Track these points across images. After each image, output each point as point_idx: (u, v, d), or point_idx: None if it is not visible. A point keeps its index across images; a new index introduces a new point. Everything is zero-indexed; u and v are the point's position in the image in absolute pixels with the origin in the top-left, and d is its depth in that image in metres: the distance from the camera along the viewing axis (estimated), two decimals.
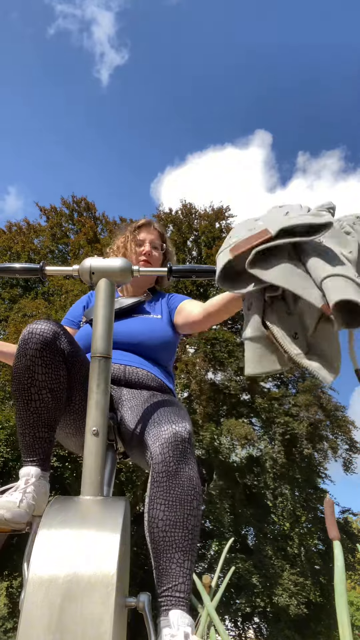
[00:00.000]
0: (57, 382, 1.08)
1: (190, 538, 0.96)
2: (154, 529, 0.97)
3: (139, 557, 10.98)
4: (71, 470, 11.00)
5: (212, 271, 1.13)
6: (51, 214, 15.48)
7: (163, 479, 1.00)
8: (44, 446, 1.07)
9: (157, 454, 1.02)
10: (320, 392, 14.65)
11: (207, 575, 4.58)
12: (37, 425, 1.06)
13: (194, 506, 0.99)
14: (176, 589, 0.92)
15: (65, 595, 0.69)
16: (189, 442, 1.05)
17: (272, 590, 11.96)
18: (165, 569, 0.94)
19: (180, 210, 15.97)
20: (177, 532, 0.96)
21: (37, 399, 1.06)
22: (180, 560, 0.94)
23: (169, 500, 0.98)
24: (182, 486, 0.99)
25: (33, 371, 1.05)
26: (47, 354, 1.06)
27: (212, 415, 13.18)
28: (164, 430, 1.05)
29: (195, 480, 1.02)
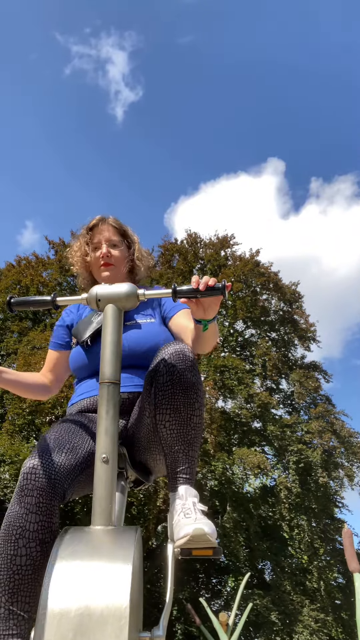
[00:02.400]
0: (48, 533, 0.99)
1: (193, 433, 1.11)
2: (163, 429, 1.12)
3: (152, 594, 10.63)
4: (82, 505, 10.79)
5: (218, 289, 1.13)
6: (59, 247, 15.74)
7: (168, 386, 1.11)
8: (21, 625, 0.91)
9: (160, 365, 1.13)
10: (333, 418, 14.41)
11: (224, 613, 4.41)
12: (17, 593, 0.93)
13: (196, 407, 1.13)
14: (182, 472, 1.09)
15: (77, 630, 0.67)
16: (191, 353, 1.16)
17: (292, 627, 11.45)
18: (174, 458, 1.10)
19: (185, 240, 16.17)
20: (182, 429, 1.10)
21: (24, 553, 0.96)
22: (185, 450, 1.10)
23: (173, 404, 1.11)
24: (185, 392, 1.11)
25: (25, 520, 0.98)
26: (44, 500, 1.00)
27: (224, 445, 12.96)
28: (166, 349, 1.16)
29: (196, 387, 1.13)
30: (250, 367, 14.94)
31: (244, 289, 14.99)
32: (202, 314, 1.19)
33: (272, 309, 15.97)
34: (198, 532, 0.92)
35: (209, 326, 1.24)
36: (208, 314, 1.19)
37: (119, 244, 1.56)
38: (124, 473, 1.23)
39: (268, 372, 14.75)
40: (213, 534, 0.95)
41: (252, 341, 16.18)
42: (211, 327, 1.27)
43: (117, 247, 1.55)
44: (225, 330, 15.53)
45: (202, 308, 1.18)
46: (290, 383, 15.53)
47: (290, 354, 16.26)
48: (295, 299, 16.01)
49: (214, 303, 1.17)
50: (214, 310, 1.19)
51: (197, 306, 1.18)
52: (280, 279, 15.69)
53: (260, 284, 15.24)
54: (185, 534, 0.94)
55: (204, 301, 1.16)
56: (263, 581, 13.27)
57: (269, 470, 12.59)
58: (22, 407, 10.57)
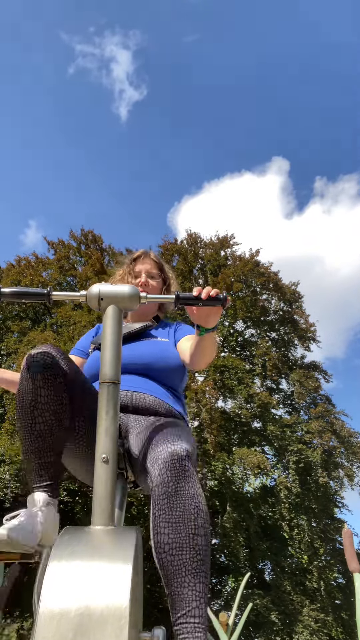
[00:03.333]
0: (59, 404, 1.10)
1: (199, 559, 0.93)
2: (161, 554, 0.94)
3: (152, 594, 10.64)
4: (81, 505, 10.80)
5: (219, 300, 1.15)
6: (59, 247, 15.75)
7: (164, 501, 0.97)
8: (51, 471, 1.07)
9: (155, 476, 1.01)
10: (333, 418, 14.41)
11: (224, 613, 4.41)
12: (42, 449, 1.07)
13: (199, 524, 0.95)
14: (190, 614, 0.88)
15: (77, 630, 0.67)
16: (188, 459, 1.02)
17: (292, 627, 11.46)
18: (178, 594, 0.90)
19: (185, 240, 16.18)
20: (185, 554, 0.92)
21: (40, 421, 1.07)
22: (192, 584, 0.90)
23: (172, 522, 0.95)
24: (183, 505, 0.96)
25: (36, 394, 1.07)
26: (49, 376, 1.09)
27: (224, 445, 12.97)
28: (160, 451, 1.03)
29: (197, 498, 0.98)
30: (250, 367, 14.95)
31: (244, 289, 14.99)
32: (202, 322, 1.23)
33: (272, 309, 15.97)
34: None
35: (205, 334, 1.28)
36: (208, 322, 1.23)
37: (157, 276, 1.77)
38: (124, 473, 1.23)
39: (268, 372, 14.76)
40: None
41: (252, 341, 16.18)
42: (209, 337, 1.30)
43: (154, 279, 1.76)
44: (225, 330, 15.54)
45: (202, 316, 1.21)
46: (290, 383, 15.54)
47: (290, 354, 16.28)
48: (295, 299, 16.02)
49: (215, 313, 1.21)
50: (214, 320, 1.23)
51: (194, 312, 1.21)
52: (280, 279, 15.70)
53: (260, 284, 15.25)
54: None
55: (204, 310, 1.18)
56: (263, 581, 13.28)
57: (269, 470, 12.60)
58: None
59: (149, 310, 1.75)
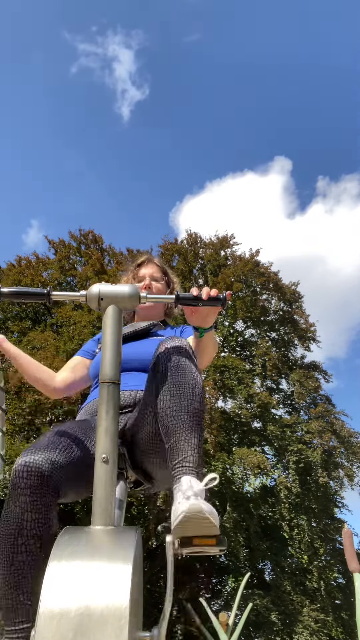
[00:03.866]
0: (46, 527, 1.01)
1: (195, 419, 1.07)
2: (164, 415, 1.08)
3: (152, 594, 10.64)
4: (81, 505, 10.80)
5: (218, 299, 1.15)
6: (59, 247, 15.74)
7: (167, 373, 1.12)
8: (29, 612, 0.97)
9: (159, 357, 1.15)
10: (333, 418, 14.41)
11: (224, 613, 4.41)
12: (21, 585, 0.98)
13: (197, 393, 1.10)
14: (185, 460, 1.00)
15: (77, 630, 0.67)
16: (188, 346, 1.17)
17: (292, 627, 11.46)
18: (175, 446, 1.03)
19: (185, 240, 16.18)
20: (183, 415, 1.06)
21: (23, 550, 0.98)
22: (188, 437, 1.03)
23: (174, 390, 1.09)
24: (184, 377, 1.11)
25: (21, 519, 0.99)
26: (38, 498, 1.00)
27: (224, 445, 12.96)
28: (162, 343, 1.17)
29: (194, 373, 1.13)
30: (250, 367, 14.94)
31: (244, 289, 14.99)
32: (199, 322, 1.26)
33: (272, 309, 15.97)
34: (195, 507, 0.86)
35: (205, 334, 1.30)
36: (206, 322, 1.26)
37: (160, 279, 1.82)
38: (124, 473, 1.23)
39: (268, 372, 14.76)
40: (213, 514, 0.88)
41: (252, 341, 16.18)
42: (208, 337, 1.33)
43: (158, 282, 1.81)
44: (225, 330, 15.54)
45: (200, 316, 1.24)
46: (290, 383, 15.53)
47: (290, 354, 16.27)
48: (295, 299, 16.01)
49: (212, 312, 1.23)
50: (211, 319, 1.26)
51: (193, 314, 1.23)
52: (280, 279, 15.69)
53: (260, 284, 15.24)
54: (181, 511, 0.87)
55: (202, 310, 1.20)
56: (263, 581, 13.28)
57: (269, 470, 12.60)
58: (22, 407, 10.58)
59: (156, 313, 1.78)
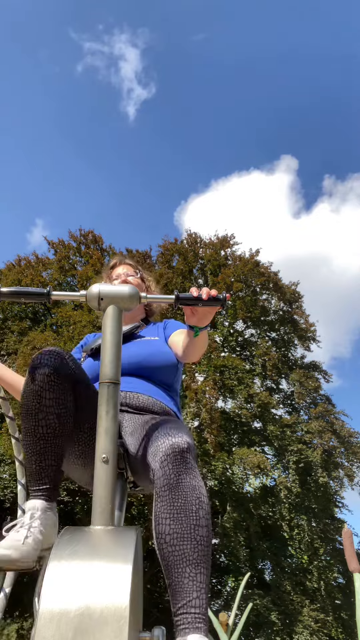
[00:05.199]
0: (64, 407, 1.09)
1: (200, 549, 0.92)
2: (162, 544, 0.94)
3: (152, 594, 10.64)
4: (82, 505, 10.80)
5: (218, 299, 1.15)
6: (59, 247, 15.74)
7: (165, 493, 0.97)
8: (51, 475, 1.06)
9: (157, 469, 1.01)
10: (333, 418, 14.41)
11: (224, 613, 4.41)
12: (44, 452, 1.06)
13: (201, 515, 0.96)
14: (191, 605, 0.87)
15: (77, 630, 0.67)
16: (189, 452, 1.02)
17: (292, 627, 11.46)
18: (178, 584, 0.89)
19: (185, 240, 16.18)
20: (186, 545, 0.92)
21: (44, 424, 1.06)
22: (192, 574, 0.90)
23: (173, 512, 0.95)
24: (185, 497, 0.96)
25: (41, 396, 1.06)
26: (55, 379, 1.08)
27: (224, 445, 12.96)
28: (161, 445, 1.03)
29: (198, 490, 0.98)
30: (250, 367, 14.94)
31: (244, 289, 14.99)
32: (196, 322, 1.27)
33: (272, 309, 15.97)
34: None
35: (200, 333, 1.32)
36: (202, 322, 1.27)
37: (134, 274, 1.86)
38: (124, 473, 1.23)
39: (268, 372, 14.75)
40: None
41: (252, 341, 16.18)
42: (201, 335, 1.35)
43: (133, 277, 1.83)
44: (225, 330, 15.53)
45: (198, 316, 1.25)
46: (290, 383, 15.54)
47: (290, 354, 16.27)
48: (295, 299, 16.01)
49: (210, 312, 1.24)
50: (208, 319, 1.27)
51: (192, 314, 1.24)
52: (280, 279, 15.70)
53: (260, 284, 15.24)
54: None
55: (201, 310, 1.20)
56: (263, 581, 13.28)
57: (269, 470, 12.59)
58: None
59: (138, 313, 1.81)
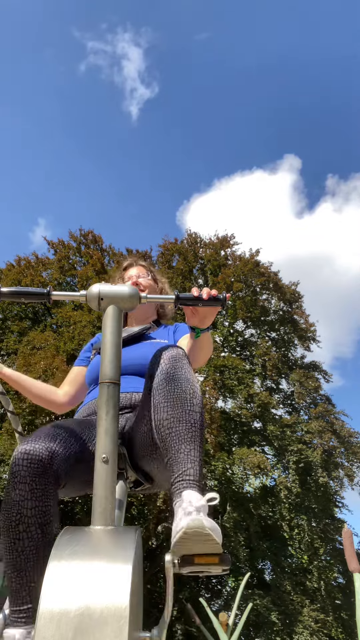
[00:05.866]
0: (47, 515, 1.02)
1: (193, 430, 1.03)
2: (161, 428, 1.05)
3: (152, 594, 10.63)
4: (81, 505, 10.80)
5: (219, 299, 1.15)
6: (59, 247, 15.73)
7: (163, 384, 1.09)
8: (33, 594, 0.99)
9: (154, 368, 1.13)
10: (333, 418, 14.40)
11: (224, 613, 4.41)
12: (25, 569, 0.99)
13: (194, 403, 1.07)
14: (185, 473, 0.98)
15: (77, 630, 0.67)
16: (183, 354, 1.15)
17: (292, 628, 11.46)
18: (174, 459, 1.00)
19: (185, 240, 16.17)
20: (181, 426, 1.03)
21: (25, 537, 1.00)
22: (187, 450, 1.01)
23: (170, 400, 1.06)
24: (180, 387, 1.08)
25: (21, 506, 1.00)
26: (37, 486, 1.01)
27: (224, 445, 12.96)
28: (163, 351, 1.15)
29: (192, 382, 1.10)
30: (250, 367, 14.94)
31: (244, 289, 14.98)
32: (198, 323, 1.27)
33: (272, 309, 15.97)
34: (195, 523, 0.81)
35: (201, 334, 1.32)
36: (204, 323, 1.27)
37: (146, 275, 1.87)
38: (124, 473, 1.23)
39: (268, 372, 14.75)
40: (215, 531, 0.83)
41: (252, 341, 16.17)
42: (205, 337, 1.35)
43: (145, 278, 1.85)
44: (225, 330, 15.53)
45: (199, 317, 1.24)
46: (290, 383, 15.53)
47: (290, 354, 16.27)
48: (295, 299, 16.01)
49: (211, 313, 1.24)
50: (210, 320, 1.27)
51: (193, 314, 1.23)
52: (280, 278, 15.69)
53: (260, 284, 15.23)
54: (181, 527, 0.82)
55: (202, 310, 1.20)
56: (263, 581, 13.28)
57: (269, 470, 12.59)
58: (22, 407, 10.57)
59: (149, 314, 1.81)
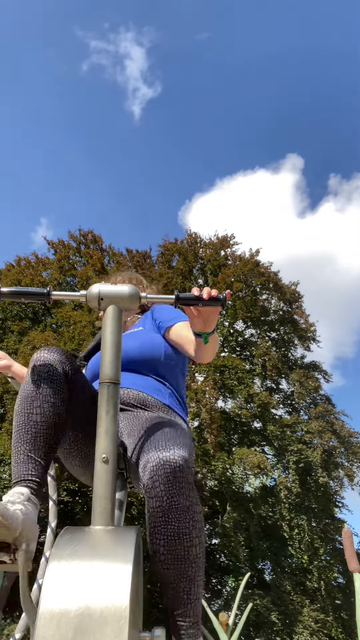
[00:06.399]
0: (59, 398, 1.11)
1: (194, 567, 0.99)
2: (158, 563, 0.99)
3: (152, 594, 10.63)
4: (82, 505, 10.80)
5: (219, 299, 1.14)
6: (59, 247, 15.74)
7: (158, 514, 0.97)
8: (39, 469, 1.02)
9: (148, 486, 0.98)
10: (333, 418, 14.41)
11: (224, 613, 4.41)
12: (35, 442, 1.04)
13: (194, 535, 0.99)
14: (185, 614, 0.98)
15: (77, 630, 0.67)
16: (181, 470, 0.97)
17: (292, 628, 11.46)
18: (174, 597, 0.99)
19: (185, 240, 16.18)
20: (181, 565, 0.98)
21: (39, 412, 1.07)
22: (187, 588, 0.98)
23: (167, 535, 0.97)
24: (178, 520, 0.97)
25: (38, 385, 1.10)
26: (54, 370, 1.12)
27: (224, 445, 12.96)
28: (151, 459, 0.99)
29: (192, 510, 0.98)
30: (250, 367, 14.94)
31: (244, 289, 14.99)
32: (202, 326, 1.21)
33: (272, 309, 15.97)
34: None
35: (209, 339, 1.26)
36: (208, 326, 1.22)
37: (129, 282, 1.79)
38: (124, 473, 1.23)
39: (268, 372, 14.75)
40: None
41: (252, 341, 16.18)
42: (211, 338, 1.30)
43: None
44: (225, 330, 15.53)
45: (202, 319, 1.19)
46: (290, 383, 15.54)
47: (290, 354, 16.27)
48: (295, 299, 16.01)
49: (213, 314, 1.20)
50: (213, 323, 1.22)
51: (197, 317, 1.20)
52: (280, 278, 15.70)
53: (260, 284, 15.24)
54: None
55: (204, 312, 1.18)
56: (263, 581, 13.28)
57: (269, 470, 12.59)
58: None
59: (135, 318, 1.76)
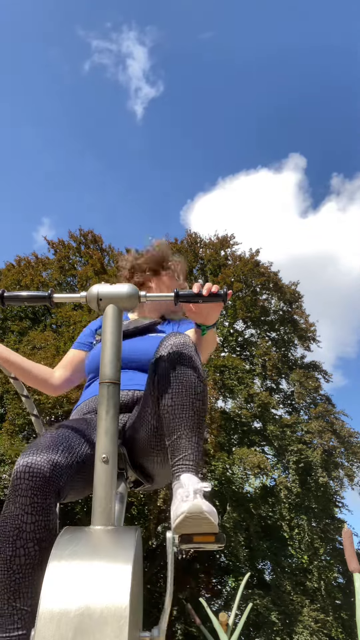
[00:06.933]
0: (46, 531, 0.97)
1: (197, 418, 1.09)
2: (165, 413, 1.10)
3: (152, 595, 10.63)
4: (82, 505, 10.79)
5: (219, 296, 1.15)
6: (59, 247, 15.73)
7: (169, 370, 1.11)
8: (26, 619, 0.93)
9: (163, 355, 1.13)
10: (333, 418, 14.40)
11: (224, 613, 4.41)
12: (18, 591, 0.93)
13: (199, 391, 1.11)
14: (186, 458, 1.04)
15: (77, 630, 0.67)
16: (192, 345, 1.15)
17: (292, 628, 11.46)
18: (176, 443, 1.06)
19: (185, 240, 16.18)
20: (185, 414, 1.08)
21: (22, 554, 0.95)
22: (189, 436, 1.06)
23: (176, 388, 1.10)
24: (186, 374, 1.11)
25: (21, 520, 0.96)
26: (38, 500, 0.97)
27: (224, 445, 12.96)
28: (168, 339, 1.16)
29: (198, 370, 1.13)
30: (250, 367, 14.94)
31: (244, 289, 14.98)
32: (203, 320, 1.24)
33: (271, 309, 15.96)
34: (195, 508, 0.88)
35: (207, 332, 1.30)
36: (208, 320, 1.25)
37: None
38: (124, 473, 1.23)
39: (268, 372, 14.75)
40: (213, 514, 0.90)
41: (252, 341, 16.17)
42: (210, 334, 1.33)
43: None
44: (225, 330, 15.53)
45: (202, 314, 1.22)
46: (290, 383, 15.53)
47: (290, 354, 16.27)
48: (295, 299, 16.01)
49: (215, 309, 1.23)
50: (215, 317, 1.24)
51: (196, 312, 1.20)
52: (280, 278, 15.69)
53: (260, 283, 15.23)
54: (182, 511, 0.89)
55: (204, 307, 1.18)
56: (263, 581, 13.28)
57: (269, 470, 12.59)
58: (22, 407, 10.57)
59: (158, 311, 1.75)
